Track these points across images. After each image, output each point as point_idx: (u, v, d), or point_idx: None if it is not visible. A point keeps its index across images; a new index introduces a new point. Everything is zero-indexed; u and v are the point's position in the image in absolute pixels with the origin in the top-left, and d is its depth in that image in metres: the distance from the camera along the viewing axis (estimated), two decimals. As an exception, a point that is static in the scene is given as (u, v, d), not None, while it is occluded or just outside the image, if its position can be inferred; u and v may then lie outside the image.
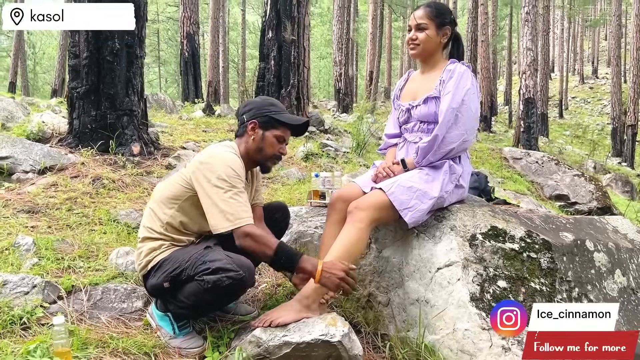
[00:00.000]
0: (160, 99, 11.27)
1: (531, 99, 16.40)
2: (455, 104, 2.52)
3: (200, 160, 2.32)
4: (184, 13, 16.96)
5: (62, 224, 3.55)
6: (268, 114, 2.46)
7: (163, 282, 2.28)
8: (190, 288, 2.21)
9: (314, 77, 45.61)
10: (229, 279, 2.12)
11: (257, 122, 2.45)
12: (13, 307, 2.40)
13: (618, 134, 25.54)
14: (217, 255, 2.21)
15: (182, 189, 2.36)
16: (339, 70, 20.44)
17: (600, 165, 17.65)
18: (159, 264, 2.32)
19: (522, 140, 16.43)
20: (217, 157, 2.30)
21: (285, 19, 8.60)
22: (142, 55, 5.49)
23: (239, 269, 2.13)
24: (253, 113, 2.47)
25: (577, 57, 49.41)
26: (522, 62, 16.60)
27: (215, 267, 2.14)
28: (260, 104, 2.52)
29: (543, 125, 26.11)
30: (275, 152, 2.50)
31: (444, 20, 2.70)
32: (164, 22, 38.74)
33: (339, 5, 21.02)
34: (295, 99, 8.52)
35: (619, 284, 2.57)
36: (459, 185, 2.60)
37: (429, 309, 2.42)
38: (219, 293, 2.16)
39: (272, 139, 2.47)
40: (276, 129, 2.47)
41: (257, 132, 2.46)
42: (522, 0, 16.95)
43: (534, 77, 16.51)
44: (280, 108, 2.53)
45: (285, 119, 2.48)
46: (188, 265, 2.22)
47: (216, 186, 2.22)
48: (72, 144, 5.08)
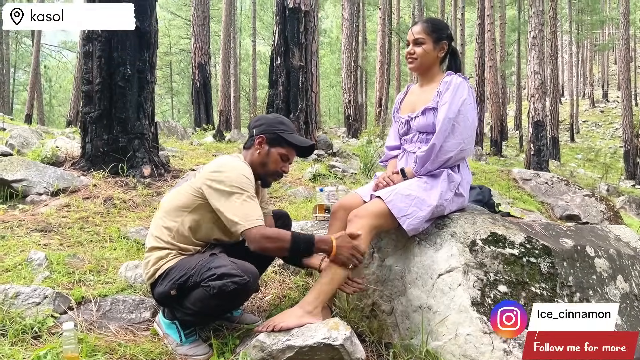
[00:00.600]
0: (171, 125, 11.47)
1: (540, 121, 16.46)
2: (452, 113, 2.59)
3: (211, 169, 2.41)
4: (195, 44, 17.33)
5: (74, 242, 3.63)
6: (277, 131, 2.56)
7: (170, 290, 2.35)
8: (197, 294, 2.27)
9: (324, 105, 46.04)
10: (233, 284, 2.18)
11: (265, 138, 2.54)
12: (25, 317, 2.47)
13: (631, 157, 25.43)
14: (222, 261, 2.27)
15: (192, 198, 2.44)
16: (348, 97, 20.66)
17: (614, 187, 17.54)
18: (166, 272, 2.39)
19: (532, 163, 16.43)
20: (228, 165, 2.40)
21: (293, 45, 8.79)
22: (153, 81, 5.64)
23: (243, 274, 2.20)
24: (263, 129, 2.57)
25: (587, 81, 49.47)
26: (530, 86, 16.71)
27: (221, 272, 2.20)
28: (270, 120, 2.61)
29: (554, 148, 26.09)
30: (278, 169, 2.58)
31: (441, 35, 2.79)
32: (177, 54, 39.46)
33: (347, 34, 21.35)
34: (304, 123, 8.65)
35: (621, 290, 2.58)
36: (458, 193, 2.65)
37: (431, 315, 2.45)
38: (224, 298, 2.22)
39: (277, 156, 2.55)
40: (282, 147, 2.56)
41: (264, 147, 2.55)
42: (528, 25, 17.16)
43: (543, 100, 16.59)
44: (290, 128, 2.62)
45: (292, 139, 2.57)
46: (194, 272, 2.28)
47: (229, 192, 2.31)
48: (85, 167, 5.21)
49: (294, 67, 8.76)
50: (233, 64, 27.40)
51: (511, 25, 36.53)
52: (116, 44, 5.21)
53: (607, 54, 51.25)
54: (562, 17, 42.85)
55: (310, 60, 8.97)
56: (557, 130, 27.38)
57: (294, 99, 8.71)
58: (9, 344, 2.27)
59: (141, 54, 5.38)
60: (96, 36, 5.20)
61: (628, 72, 26.12)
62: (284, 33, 8.85)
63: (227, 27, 22.91)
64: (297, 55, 8.76)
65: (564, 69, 49.33)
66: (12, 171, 4.62)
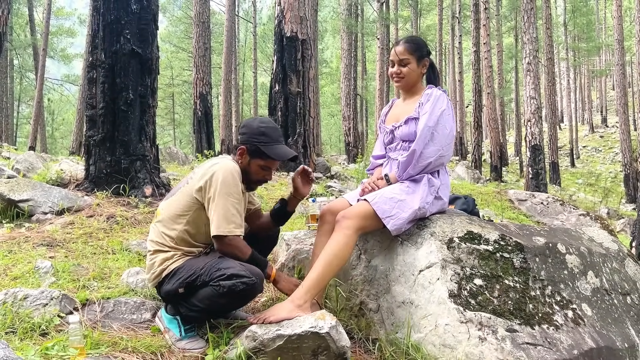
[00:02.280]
0: (173, 152, 11.73)
1: (537, 145, 16.67)
2: (432, 122, 2.80)
3: (202, 172, 2.61)
4: (197, 75, 17.71)
5: (78, 254, 3.81)
6: (257, 144, 2.67)
7: (178, 288, 2.52)
8: (205, 292, 2.46)
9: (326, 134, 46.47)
10: (243, 284, 2.38)
11: (245, 149, 2.69)
12: (33, 317, 2.63)
13: (631, 181, 25.59)
14: (231, 263, 2.47)
15: (189, 204, 2.62)
16: (348, 124, 21.01)
17: (614, 211, 17.65)
18: (173, 272, 2.57)
19: (531, 187, 16.57)
20: (218, 168, 2.58)
21: (290, 72, 9.09)
22: (154, 105, 5.88)
23: (252, 276, 2.40)
24: (245, 139, 2.70)
25: (586, 106, 49.94)
26: (527, 111, 16.97)
27: (230, 273, 2.39)
28: (253, 130, 2.70)
29: (555, 173, 26.31)
30: (260, 177, 2.77)
31: (422, 53, 3.02)
32: (179, 85, 40.09)
33: (346, 64, 21.82)
34: (302, 147, 8.89)
35: (592, 284, 2.75)
36: (438, 197, 2.84)
37: (413, 309, 2.61)
38: (233, 297, 2.41)
39: (257, 167, 2.71)
40: (262, 159, 2.70)
41: (245, 157, 2.70)
42: (523, 51, 17.53)
43: (539, 125, 16.83)
44: (272, 138, 2.70)
45: (270, 152, 2.68)
46: (203, 272, 2.47)
47: (216, 195, 2.51)
48: (89, 188, 5.41)
49: (291, 93, 9.04)
50: (234, 94, 27.88)
51: (508, 52, 37.14)
52: (119, 70, 5.46)
53: (604, 79, 51.86)
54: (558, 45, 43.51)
55: (308, 87, 9.26)
56: (556, 155, 27.62)
57: (292, 123, 8.97)
58: (19, 339, 2.44)
59: (143, 79, 5.62)
60: (100, 63, 5.46)
61: (625, 98, 26.45)
62: (281, 61, 9.16)
63: (228, 58, 23.39)
64: (294, 81, 9.05)
65: (563, 95, 49.81)
66: (19, 192, 4.83)
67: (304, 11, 9.16)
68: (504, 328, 2.36)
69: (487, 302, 2.46)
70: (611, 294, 2.79)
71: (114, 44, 5.47)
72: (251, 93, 38.26)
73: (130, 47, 5.49)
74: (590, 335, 2.49)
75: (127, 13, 5.51)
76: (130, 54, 5.50)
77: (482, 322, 2.37)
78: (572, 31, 41.97)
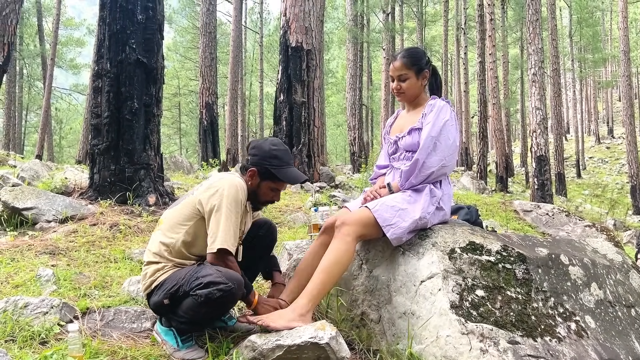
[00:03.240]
0: (178, 161, 11.76)
1: (543, 156, 16.64)
2: (435, 132, 2.80)
3: (208, 185, 2.61)
4: (203, 84, 17.82)
5: (80, 262, 3.81)
6: (268, 166, 2.69)
7: (163, 299, 2.51)
8: (187, 303, 2.44)
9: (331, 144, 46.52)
10: (219, 291, 2.35)
11: (256, 171, 2.71)
12: (33, 325, 2.63)
13: (638, 192, 25.43)
14: (208, 270, 2.45)
15: (190, 214, 2.62)
16: (353, 134, 21.03)
17: (621, 222, 17.54)
18: (161, 284, 2.56)
19: (536, 198, 16.52)
20: (224, 183, 2.59)
21: (295, 82, 9.12)
22: (159, 114, 5.90)
23: (227, 282, 2.37)
24: (255, 161, 2.72)
25: (592, 117, 49.79)
26: (532, 121, 16.95)
27: (207, 281, 2.37)
28: (264, 154, 2.72)
29: (560, 184, 26.16)
30: (268, 199, 2.79)
31: (421, 66, 3.00)
32: (186, 95, 40.28)
33: (351, 74, 21.87)
34: (307, 157, 8.89)
35: (595, 296, 2.72)
36: (439, 207, 2.83)
37: (414, 320, 2.59)
38: (211, 305, 2.38)
39: (267, 189, 2.74)
40: (273, 182, 2.73)
41: (255, 179, 2.72)
42: (528, 62, 17.53)
43: (545, 135, 16.80)
44: (283, 161, 2.73)
45: (282, 176, 2.71)
46: (184, 282, 2.46)
47: (218, 209, 2.51)
48: (93, 196, 5.42)
49: (296, 103, 9.06)
50: (240, 104, 27.99)
51: (514, 63, 37.15)
52: (124, 79, 5.49)
53: (611, 90, 51.74)
54: (564, 56, 43.52)
55: (313, 96, 9.28)
56: (563, 166, 27.47)
57: (296, 133, 8.98)
58: (18, 348, 2.43)
59: (148, 88, 5.65)
60: (105, 72, 5.49)
61: (631, 109, 26.37)
62: (286, 71, 9.19)
63: (234, 68, 23.51)
64: (299, 91, 9.07)
65: (569, 106, 49.77)
66: (23, 200, 4.84)
67: (309, 22, 9.19)
68: (506, 340, 2.33)
69: (489, 313, 2.43)
70: (615, 306, 2.76)
71: (120, 53, 5.50)
72: (257, 103, 38.41)
73: (136, 57, 5.53)
74: (594, 348, 2.46)
75: (132, 23, 5.55)
76: (136, 63, 5.53)
77: (484, 334, 2.35)
78: (578, 42, 41.98)
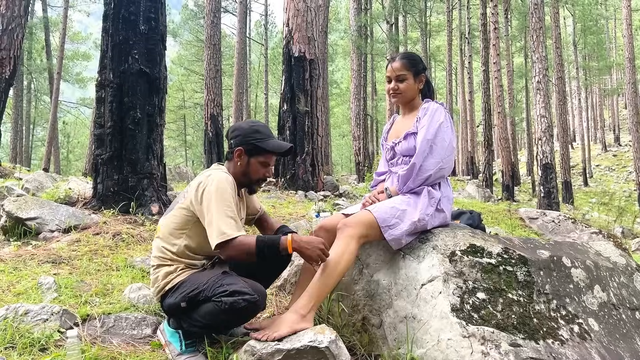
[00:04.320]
0: (182, 171, 11.81)
1: (549, 164, 16.59)
2: (430, 135, 2.80)
3: (195, 185, 2.61)
4: (208, 96, 17.90)
5: (83, 271, 3.81)
6: (253, 141, 2.71)
7: (180, 302, 2.51)
8: (207, 308, 2.43)
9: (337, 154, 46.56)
10: (244, 301, 2.34)
11: (243, 149, 2.71)
12: (33, 332, 2.62)
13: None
14: (234, 279, 2.44)
15: (186, 218, 2.62)
16: (358, 144, 21.03)
17: (629, 230, 17.43)
18: (177, 286, 2.56)
19: (543, 206, 16.44)
20: (210, 180, 2.58)
21: (298, 92, 9.15)
22: (162, 124, 5.92)
23: (254, 293, 2.36)
24: (239, 140, 2.72)
25: (598, 125, 49.66)
26: (537, 129, 16.90)
27: (233, 289, 2.36)
28: (246, 130, 2.74)
29: (567, 193, 26.03)
30: (260, 176, 2.77)
31: (419, 69, 3.03)
32: (191, 108, 40.48)
33: (356, 84, 21.91)
34: (310, 166, 8.89)
35: (598, 299, 2.69)
36: (439, 209, 2.82)
37: (415, 324, 2.57)
38: (234, 314, 2.38)
39: (257, 164, 2.73)
40: (261, 155, 2.73)
41: (243, 158, 2.72)
42: (532, 70, 17.52)
43: (550, 143, 16.76)
44: (265, 134, 2.75)
45: (269, 146, 2.72)
46: (206, 288, 2.45)
47: (209, 206, 2.50)
48: (96, 206, 5.43)
49: (300, 112, 9.08)
50: (245, 115, 28.09)
51: (518, 72, 37.17)
52: (127, 89, 5.51)
53: (616, 98, 51.63)
54: (569, 64, 43.48)
55: (316, 106, 9.30)
56: (569, 174, 27.38)
57: (300, 142, 8.99)
58: (18, 354, 2.42)
59: (151, 98, 5.67)
60: (108, 82, 5.52)
61: (638, 116, 26.27)
62: (290, 80, 9.23)
63: (239, 80, 23.62)
64: (302, 101, 9.09)
65: (574, 114, 49.65)
66: (27, 210, 4.85)
67: (311, 31, 9.24)
68: (508, 342, 2.31)
69: (490, 316, 2.41)
70: (619, 309, 2.73)
71: (122, 63, 5.53)
72: (262, 115, 38.53)
73: (138, 67, 5.56)
74: (597, 351, 2.43)
75: (135, 34, 5.58)
76: (138, 73, 5.56)
77: (485, 337, 2.32)
78: (583, 50, 41.99)
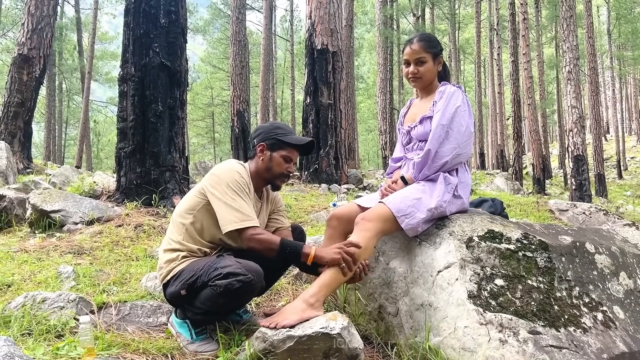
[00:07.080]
0: (207, 166, 11.86)
1: (580, 155, 16.19)
2: (445, 120, 2.71)
3: (212, 172, 2.61)
4: (234, 93, 17.99)
5: (103, 261, 3.84)
6: (275, 136, 2.72)
7: (180, 290, 2.50)
8: (205, 294, 2.41)
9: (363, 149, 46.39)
10: (238, 282, 2.31)
11: (265, 145, 2.72)
12: (50, 319, 2.64)
13: (682, 192, 24.60)
14: (227, 261, 2.41)
15: (197, 200, 2.62)
16: (384, 138, 20.90)
17: (665, 223, 16.95)
18: (178, 274, 2.54)
19: (574, 199, 16.06)
20: (225, 167, 2.60)
21: (321, 85, 9.10)
22: (184, 117, 5.95)
23: (247, 273, 2.33)
24: (262, 137, 2.74)
25: (633, 117, 48.36)
26: (568, 120, 16.50)
27: (226, 272, 2.34)
28: (268, 128, 2.78)
29: (601, 185, 25.39)
30: (283, 170, 2.74)
31: (437, 50, 2.93)
32: (219, 105, 40.75)
33: (382, 78, 21.77)
34: (334, 159, 8.84)
35: (624, 286, 2.58)
36: (457, 195, 2.73)
37: (432, 312, 2.50)
38: (230, 296, 2.35)
39: (279, 159, 2.71)
40: (283, 149, 2.72)
41: (266, 153, 2.72)
42: (563, 59, 17.12)
43: (582, 134, 16.36)
44: (287, 130, 2.77)
45: (290, 140, 2.73)
46: (202, 273, 2.43)
47: (225, 191, 2.49)
48: (119, 199, 5.48)
49: (323, 105, 9.03)
50: (272, 112, 28.18)
51: (549, 63, 36.40)
52: (148, 83, 5.55)
53: (652, 88, 50.16)
54: (602, 54, 42.42)
55: (339, 98, 9.24)
56: (602, 167, 26.69)
57: (323, 135, 8.95)
58: (34, 341, 2.44)
59: (172, 92, 5.70)
60: (130, 76, 5.57)
61: (674, 106, 25.58)
62: (312, 73, 9.19)
63: (265, 76, 23.69)
64: (325, 93, 9.04)
65: (608, 105, 48.45)
66: (51, 202, 4.93)
67: (334, 24, 9.17)
68: (526, 330, 2.23)
69: (509, 303, 2.33)
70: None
71: (144, 57, 5.57)
72: (289, 111, 38.58)
73: (159, 60, 5.59)
74: (622, 339, 2.33)
75: (155, 27, 5.61)
76: (159, 66, 5.59)
77: (503, 324, 2.25)
78: (617, 39, 40.82)
